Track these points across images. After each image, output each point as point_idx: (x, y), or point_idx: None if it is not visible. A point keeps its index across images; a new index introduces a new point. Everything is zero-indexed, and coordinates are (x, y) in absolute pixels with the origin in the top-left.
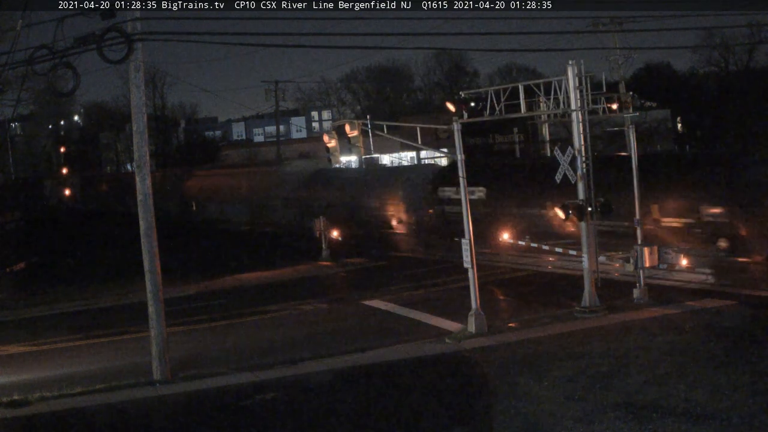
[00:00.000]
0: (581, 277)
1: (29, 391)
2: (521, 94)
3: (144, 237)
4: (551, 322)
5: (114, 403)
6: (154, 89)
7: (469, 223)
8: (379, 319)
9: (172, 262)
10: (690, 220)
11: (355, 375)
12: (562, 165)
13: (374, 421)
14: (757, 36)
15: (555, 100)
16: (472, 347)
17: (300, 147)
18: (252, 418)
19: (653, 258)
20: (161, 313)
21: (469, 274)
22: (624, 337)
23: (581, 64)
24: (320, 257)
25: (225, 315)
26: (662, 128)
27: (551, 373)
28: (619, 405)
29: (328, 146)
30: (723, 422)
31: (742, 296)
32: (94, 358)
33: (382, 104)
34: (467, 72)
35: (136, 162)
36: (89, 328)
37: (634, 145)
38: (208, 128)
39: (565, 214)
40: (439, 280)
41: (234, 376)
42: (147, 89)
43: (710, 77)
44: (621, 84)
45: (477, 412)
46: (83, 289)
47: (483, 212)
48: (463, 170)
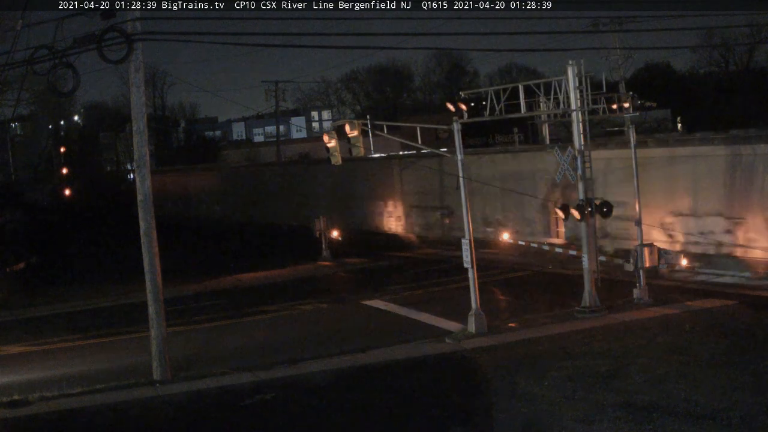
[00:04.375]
0: (581, 277)
1: (29, 391)
2: (521, 94)
3: (144, 237)
4: (551, 322)
5: (114, 403)
6: (154, 89)
7: (469, 223)
8: (379, 319)
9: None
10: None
11: (355, 375)
12: (562, 165)
13: (374, 421)
14: (757, 36)
15: (555, 100)
16: (472, 347)
17: (300, 147)
18: (252, 418)
19: (653, 258)
20: (161, 313)
21: (469, 274)
22: (624, 337)
23: (581, 64)
24: (320, 257)
25: (225, 315)
26: (662, 128)
27: (551, 373)
28: (619, 405)
29: (328, 146)
30: (723, 422)
31: (742, 296)
32: (94, 358)
33: (382, 104)
34: (467, 72)
35: (136, 162)
36: (89, 328)
37: (633, 145)
38: (208, 128)
39: (565, 214)
40: (439, 280)
41: (234, 376)
42: (147, 89)
43: (710, 77)
44: (621, 84)
45: (477, 412)
46: (83, 289)
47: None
48: (463, 170)
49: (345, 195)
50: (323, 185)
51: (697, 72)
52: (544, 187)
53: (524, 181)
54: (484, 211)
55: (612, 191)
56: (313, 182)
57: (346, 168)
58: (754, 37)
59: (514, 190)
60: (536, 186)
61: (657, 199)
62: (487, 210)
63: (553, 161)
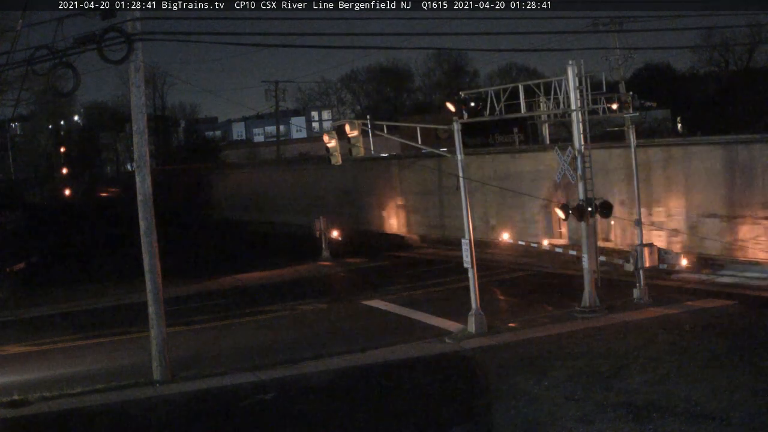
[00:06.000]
0: (581, 277)
1: (29, 391)
2: (521, 94)
3: (144, 237)
4: (551, 322)
5: (114, 403)
6: (154, 89)
7: (470, 222)
8: (379, 319)
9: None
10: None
11: (355, 375)
12: (562, 165)
13: (374, 421)
14: (757, 36)
15: (555, 100)
16: (472, 347)
17: (300, 147)
18: (252, 418)
19: (653, 258)
20: (161, 313)
21: (469, 274)
22: (624, 337)
23: (581, 64)
24: (320, 257)
25: (225, 315)
26: (662, 128)
27: (551, 373)
28: (619, 405)
29: (328, 146)
30: (723, 422)
31: (742, 296)
32: (94, 358)
33: (382, 104)
34: (467, 72)
35: (136, 162)
36: (89, 328)
37: (633, 145)
38: (208, 128)
39: (566, 214)
40: (439, 280)
41: (234, 376)
42: (147, 89)
43: (710, 77)
44: (621, 84)
45: (477, 412)
46: (83, 289)
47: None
48: (463, 170)
49: (345, 195)
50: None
51: (697, 72)
52: (545, 187)
53: (524, 181)
54: (485, 211)
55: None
56: (319, 182)
57: (347, 168)
58: (754, 37)
59: (514, 190)
60: (537, 186)
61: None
62: (487, 210)
63: (554, 161)
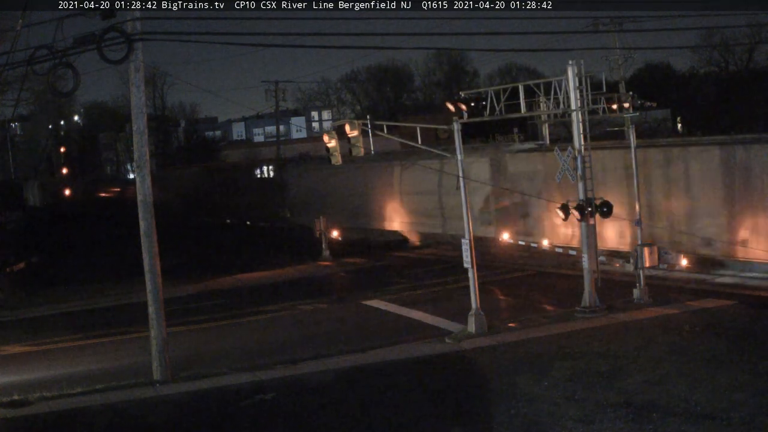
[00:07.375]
0: (581, 277)
1: (29, 391)
2: (521, 94)
3: (144, 237)
4: (551, 322)
5: (114, 403)
6: (154, 89)
7: (469, 222)
8: (379, 319)
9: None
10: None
11: (355, 375)
12: (562, 165)
13: (374, 421)
14: (757, 36)
15: (555, 100)
16: (472, 347)
17: (300, 147)
18: (252, 418)
19: (653, 258)
20: (161, 313)
21: (469, 274)
22: (624, 337)
23: (581, 64)
24: (320, 257)
25: (225, 315)
26: (662, 128)
27: (551, 373)
28: (619, 405)
29: (328, 146)
30: (723, 422)
31: (742, 296)
32: (94, 358)
33: (382, 104)
34: (467, 72)
35: (136, 162)
36: (89, 328)
37: (633, 145)
38: (208, 128)
39: (565, 214)
40: (439, 280)
41: (234, 376)
42: (147, 89)
43: (710, 77)
44: (621, 84)
45: (477, 412)
46: (83, 289)
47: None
48: (462, 170)
49: (345, 194)
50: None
51: (697, 72)
52: (546, 187)
53: (525, 181)
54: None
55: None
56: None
57: (347, 168)
58: (754, 37)
59: (515, 190)
60: (537, 185)
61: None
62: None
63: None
